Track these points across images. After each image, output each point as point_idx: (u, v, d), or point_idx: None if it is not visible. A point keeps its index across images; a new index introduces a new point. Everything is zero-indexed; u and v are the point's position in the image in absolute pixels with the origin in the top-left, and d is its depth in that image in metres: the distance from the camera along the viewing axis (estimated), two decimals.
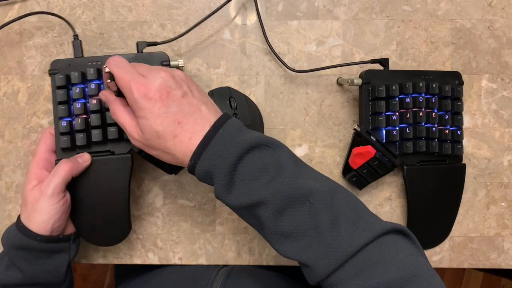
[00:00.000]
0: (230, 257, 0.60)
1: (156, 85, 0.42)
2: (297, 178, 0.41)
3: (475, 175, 0.59)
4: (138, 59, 0.52)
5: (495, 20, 0.59)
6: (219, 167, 0.41)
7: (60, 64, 0.53)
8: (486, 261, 0.60)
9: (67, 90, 0.52)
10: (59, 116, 0.52)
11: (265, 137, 0.43)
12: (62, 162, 0.49)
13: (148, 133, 0.42)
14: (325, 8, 0.58)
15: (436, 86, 0.54)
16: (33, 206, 0.48)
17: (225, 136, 0.42)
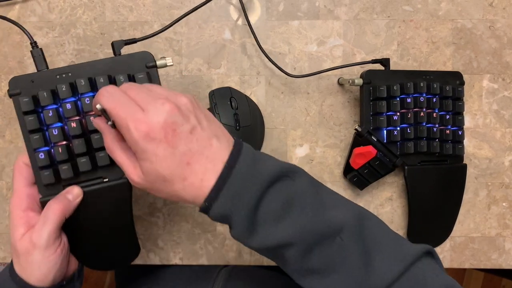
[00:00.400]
0: (231, 257, 0.60)
1: (160, 122, 0.34)
2: (323, 211, 0.38)
3: (476, 175, 0.59)
4: (117, 62, 0.44)
5: (496, 20, 0.59)
6: (238, 210, 0.36)
7: (21, 82, 0.43)
8: (487, 261, 0.60)
9: (37, 115, 0.43)
10: (33, 148, 0.43)
11: (282, 164, 0.38)
12: (51, 204, 0.42)
13: (153, 177, 0.36)
14: (326, 8, 0.58)
15: (437, 86, 0.54)
16: (27, 260, 0.41)
17: (242, 172, 0.36)
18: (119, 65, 0.44)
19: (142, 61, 0.45)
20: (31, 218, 0.43)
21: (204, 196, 0.36)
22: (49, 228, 0.41)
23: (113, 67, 0.44)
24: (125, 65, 0.44)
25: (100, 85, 0.43)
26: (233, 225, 0.37)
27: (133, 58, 0.45)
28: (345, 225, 0.37)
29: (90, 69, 0.44)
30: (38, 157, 0.43)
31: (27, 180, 0.44)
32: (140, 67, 0.45)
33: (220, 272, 0.58)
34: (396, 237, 0.40)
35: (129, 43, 0.47)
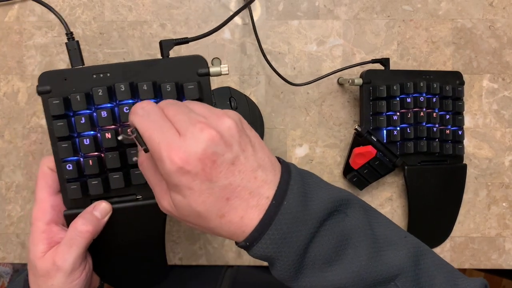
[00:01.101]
0: (231, 258, 0.59)
1: (198, 152, 0.30)
2: (378, 252, 0.34)
3: (476, 175, 0.59)
4: (164, 66, 0.38)
5: (496, 20, 0.58)
6: (284, 253, 0.32)
7: (53, 79, 0.38)
8: (487, 261, 0.60)
9: (67, 120, 0.37)
10: (61, 157, 0.38)
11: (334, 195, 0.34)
12: (78, 225, 0.37)
13: (185, 211, 0.32)
14: (326, 7, 0.58)
15: (437, 86, 0.54)
16: (47, 282, 0.37)
17: (291, 212, 0.31)
18: (166, 69, 0.38)
19: (193, 66, 0.38)
20: (54, 233, 0.39)
21: (244, 235, 0.32)
22: (76, 252, 0.37)
23: (159, 72, 0.38)
24: (173, 70, 0.38)
25: (143, 93, 0.37)
26: (276, 267, 0.33)
27: (183, 62, 0.38)
28: (402, 270, 0.34)
29: (132, 70, 0.38)
30: (66, 168, 0.38)
31: (52, 188, 0.40)
32: (190, 74, 0.38)
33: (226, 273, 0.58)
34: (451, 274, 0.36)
35: (180, 43, 0.40)
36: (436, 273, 0.35)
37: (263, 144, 0.34)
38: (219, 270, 0.59)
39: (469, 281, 0.36)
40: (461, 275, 0.37)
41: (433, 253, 0.37)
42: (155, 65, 0.38)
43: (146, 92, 0.37)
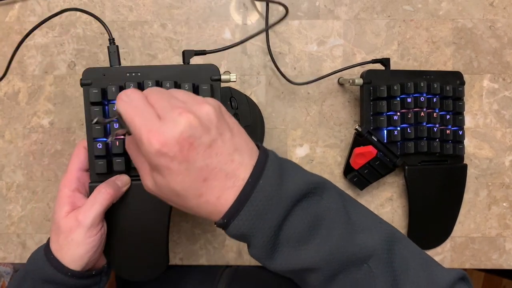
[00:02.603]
0: (231, 258, 0.59)
1: (175, 135, 0.31)
2: (351, 234, 0.35)
3: (476, 175, 0.59)
4: (185, 71, 0.46)
5: (497, 20, 0.58)
6: (260, 230, 0.33)
7: (94, 74, 0.46)
8: (487, 261, 0.60)
9: (102, 107, 0.45)
10: (93, 137, 0.45)
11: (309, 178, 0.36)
12: (102, 188, 0.43)
13: (165, 190, 0.34)
14: (326, 8, 0.58)
15: (437, 86, 0.54)
16: (68, 238, 0.42)
17: (265, 190, 0.33)
18: (187, 73, 0.46)
19: (208, 73, 0.46)
20: (77, 199, 0.44)
21: (220, 214, 0.34)
22: (97, 209, 0.42)
23: (180, 75, 0.46)
24: (192, 74, 0.46)
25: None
26: (251, 245, 0.35)
27: (200, 69, 0.46)
28: (375, 252, 0.35)
29: (160, 73, 0.46)
30: (96, 147, 0.45)
31: (82, 164, 0.46)
32: (205, 78, 0.46)
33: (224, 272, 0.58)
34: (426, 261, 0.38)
35: (199, 54, 0.48)
36: (410, 259, 0.36)
37: (242, 130, 0.36)
38: (217, 269, 0.59)
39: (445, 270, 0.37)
40: (438, 265, 0.38)
41: (408, 241, 0.38)
42: (178, 69, 0.46)
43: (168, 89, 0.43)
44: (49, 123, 0.58)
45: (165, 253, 0.48)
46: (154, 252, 0.48)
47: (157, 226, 0.47)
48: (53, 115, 0.58)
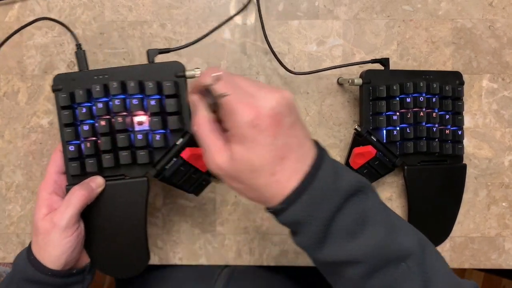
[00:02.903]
0: (231, 258, 0.60)
1: (268, 109, 0.33)
2: (394, 232, 0.37)
3: (476, 175, 0.59)
4: (150, 69, 0.47)
5: (496, 20, 0.58)
6: (314, 218, 0.34)
7: (64, 79, 0.47)
8: (487, 261, 0.60)
9: (72, 111, 0.47)
10: (66, 140, 0.47)
11: (358, 177, 0.37)
12: (75, 190, 0.45)
13: (241, 164, 0.34)
14: (326, 8, 0.58)
15: (436, 86, 0.54)
16: (45, 239, 0.44)
17: (325, 180, 0.35)
18: (151, 72, 0.47)
19: (172, 70, 0.47)
20: (54, 201, 0.46)
21: (283, 197, 0.34)
22: (71, 211, 0.44)
23: (145, 73, 0.47)
24: (157, 72, 0.47)
25: (131, 89, 0.46)
26: (302, 233, 0.36)
27: (165, 67, 0.47)
28: (412, 252, 0.37)
29: (125, 73, 0.47)
30: (68, 149, 0.47)
31: (59, 167, 0.48)
32: (169, 75, 0.47)
33: (222, 272, 0.58)
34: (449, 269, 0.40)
35: (163, 52, 0.49)
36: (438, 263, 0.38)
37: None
38: (215, 269, 0.59)
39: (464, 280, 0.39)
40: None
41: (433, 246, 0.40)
42: (143, 69, 0.48)
43: (133, 88, 0.46)
44: (49, 123, 0.58)
45: (145, 250, 0.50)
46: (135, 249, 0.49)
47: (135, 224, 0.48)
48: (52, 115, 0.58)
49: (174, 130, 0.47)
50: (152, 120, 0.47)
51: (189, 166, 0.48)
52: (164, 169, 0.48)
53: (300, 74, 0.57)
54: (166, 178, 0.48)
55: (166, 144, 0.47)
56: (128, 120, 0.47)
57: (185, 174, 0.49)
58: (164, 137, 0.47)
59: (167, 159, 0.48)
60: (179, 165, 0.48)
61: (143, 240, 0.49)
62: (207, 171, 0.49)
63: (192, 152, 0.48)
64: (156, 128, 0.47)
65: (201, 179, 0.50)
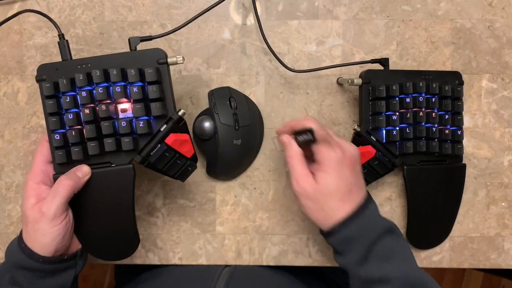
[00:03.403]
0: (230, 257, 0.60)
1: (351, 154, 0.47)
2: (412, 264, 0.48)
3: (475, 175, 0.59)
4: (132, 57, 0.48)
5: (495, 20, 0.59)
6: (363, 237, 0.46)
7: (47, 69, 0.48)
8: (486, 261, 0.60)
9: (57, 100, 0.47)
10: (51, 128, 0.47)
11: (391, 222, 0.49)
12: (62, 180, 0.46)
13: (322, 188, 0.46)
14: (325, 8, 0.58)
15: (436, 86, 0.54)
16: (34, 227, 0.45)
17: (373, 212, 0.48)
18: (133, 59, 0.48)
19: (154, 57, 0.48)
20: (42, 190, 0.47)
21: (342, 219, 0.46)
22: (59, 201, 0.45)
23: (127, 61, 0.48)
24: (139, 60, 0.48)
25: (113, 77, 0.47)
26: (349, 251, 0.46)
27: (146, 54, 0.48)
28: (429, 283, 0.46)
29: (108, 61, 0.48)
30: (54, 138, 0.47)
31: (46, 157, 0.49)
32: (151, 62, 0.48)
33: (222, 272, 0.58)
34: None
35: (145, 39, 0.49)
36: None
37: None
38: (216, 268, 0.59)
39: None
40: None
41: None
42: (125, 56, 0.48)
43: (116, 76, 0.47)
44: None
45: (135, 235, 0.51)
46: (124, 234, 0.51)
47: (123, 210, 0.49)
48: None
49: (158, 116, 0.48)
50: (135, 107, 0.47)
51: (174, 151, 0.49)
52: (149, 155, 0.48)
53: (300, 72, 0.57)
54: (151, 164, 0.48)
55: (150, 131, 0.48)
56: (112, 108, 0.47)
57: (170, 160, 0.49)
58: (147, 124, 0.47)
59: (152, 146, 0.48)
60: (163, 151, 0.48)
61: (132, 226, 0.50)
62: (191, 156, 0.50)
63: (176, 138, 0.48)
64: (139, 115, 0.47)
65: (186, 164, 0.50)
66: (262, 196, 0.59)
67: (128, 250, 0.52)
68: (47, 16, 0.50)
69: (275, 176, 0.59)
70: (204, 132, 0.55)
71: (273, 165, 0.59)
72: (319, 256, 0.60)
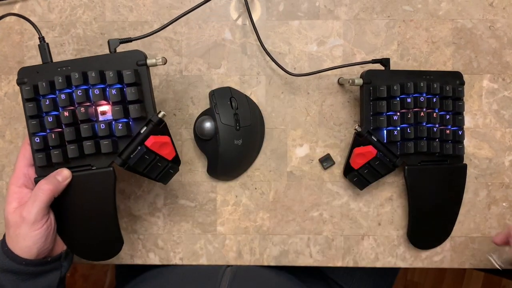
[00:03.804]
0: (231, 257, 0.60)
1: None
2: None
3: (476, 175, 0.59)
4: (111, 59, 0.48)
5: (496, 20, 0.59)
6: None
7: (28, 72, 0.48)
8: (487, 261, 0.60)
9: (37, 103, 0.47)
10: (31, 131, 0.47)
11: None
12: (41, 184, 0.46)
13: None
14: (326, 8, 0.58)
15: (437, 86, 0.54)
16: (15, 231, 0.45)
17: None
18: (112, 62, 0.48)
19: (133, 59, 0.48)
20: (24, 194, 0.47)
21: None
22: (38, 206, 0.45)
23: (106, 63, 0.47)
24: (118, 62, 0.47)
25: (92, 79, 0.47)
26: None
27: (125, 56, 0.48)
28: None
29: (87, 64, 0.48)
30: (34, 141, 0.47)
31: (28, 160, 0.49)
32: (131, 64, 0.48)
33: (225, 271, 0.59)
34: None
35: (124, 41, 0.49)
36: None
37: None
38: (218, 268, 0.59)
39: None
40: None
41: None
42: (104, 59, 0.48)
43: (94, 78, 0.47)
44: None
45: (118, 236, 0.51)
46: (107, 236, 0.51)
47: (105, 213, 0.49)
48: None
49: (137, 118, 0.47)
50: (114, 109, 0.47)
51: (154, 154, 0.48)
52: (129, 158, 0.48)
53: (300, 75, 0.57)
54: (132, 167, 0.48)
55: (129, 133, 0.47)
56: (91, 110, 0.47)
57: (150, 162, 0.48)
58: (126, 126, 0.47)
59: (132, 148, 0.48)
60: (143, 153, 0.47)
61: (115, 227, 0.50)
62: (172, 159, 0.50)
63: (155, 140, 0.47)
64: (118, 117, 0.47)
65: (168, 167, 0.50)
66: (263, 196, 0.59)
67: (112, 250, 0.52)
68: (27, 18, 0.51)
69: (276, 176, 0.59)
70: (205, 132, 0.55)
71: (274, 165, 0.59)
72: (320, 256, 0.60)
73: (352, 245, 0.60)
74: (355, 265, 0.60)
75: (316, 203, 0.59)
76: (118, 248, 0.52)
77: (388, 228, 0.59)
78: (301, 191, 0.59)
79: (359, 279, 0.71)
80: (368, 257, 0.60)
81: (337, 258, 0.60)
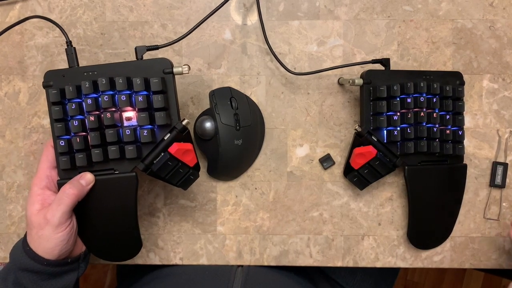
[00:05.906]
0: (231, 258, 0.60)
1: None
2: None
3: (476, 175, 0.59)
4: (138, 66, 0.48)
5: (496, 20, 0.59)
6: None
7: (54, 76, 0.48)
8: (487, 261, 0.60)
9: (63, 106, 0.48)
10: (56, 135, 0.48)
11: None
12: (66, 188, 0.46)
13: None
14: (326, 8, 0.58)
15: (437, 86, 0.54)
16: (38, 233, 0.46)
17: None
18: (140, 68, 0.48)
19: (160, 66, 0.48)
20: (47, 196, 0.48)
21: None
22: (63, 209, 0.46)
23: (133, 70, 0.48)
24: (145, 69, 0.48)
25: (119, 85, 0.47)
26: None
27: (153, 64, 0.48)
28: None
29: (114, 69, 0.48)
30: (59, 144, 0.48)
31: (50, 163, 0.49)
32: (157, 72, 0.48)
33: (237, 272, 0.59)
34: None
35: (151, 49, 0.50)
36: None
37: None
38: (230, 268, 0.59)
39: None
40: None
41: None
42: (131, 65, 0.48)
43: (121, 84, 0.47)
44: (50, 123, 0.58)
45: (138, 238, 0.52)
46: (127, 238, 0.52)
47: (126, 216, 0.50)
48: None
49: (162, 125, 0.48)
50: (139, 115, 0.47)
51: (177, 160, 0.49)
52: (152, 163, 0.49)
53: (301, 74, 0.57)
54: (154, 173, 0.49)
55: (153, 139, 0.48)
56: (117, 116, 0.48)
57: (173, 168, 0.49)
58: (151, 133, 0.48)
59: (155, 154, 0.49)
60: (166, 159, 0.48)
61: (135, 230, 0.51)
62: (194, 165, 0.50)
63: (179, 147, 0.48)
64: (143, 124, 0.48)
65: (189, 173, 0.50)
66: (263, 196, 0.59)
67: (131, 253, 0.53)
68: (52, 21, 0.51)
69: (276, 176, 0.59)
70: (205, 132, 0.55)
71: (274, 165, 0.59)
72: (320, 256, 0.60)
73: (352, 245, 0.60)
74: (355, 265, 0.60)
75: (316, 203, 0.59)
76: (137, 249, 0.53)
77: (388, 228, 0.59)
78: (301, 191, 0.59)
79: (361, 280, 0.71)
80: (368, 257, 0.60)
81: (337, 258, 0.60)
